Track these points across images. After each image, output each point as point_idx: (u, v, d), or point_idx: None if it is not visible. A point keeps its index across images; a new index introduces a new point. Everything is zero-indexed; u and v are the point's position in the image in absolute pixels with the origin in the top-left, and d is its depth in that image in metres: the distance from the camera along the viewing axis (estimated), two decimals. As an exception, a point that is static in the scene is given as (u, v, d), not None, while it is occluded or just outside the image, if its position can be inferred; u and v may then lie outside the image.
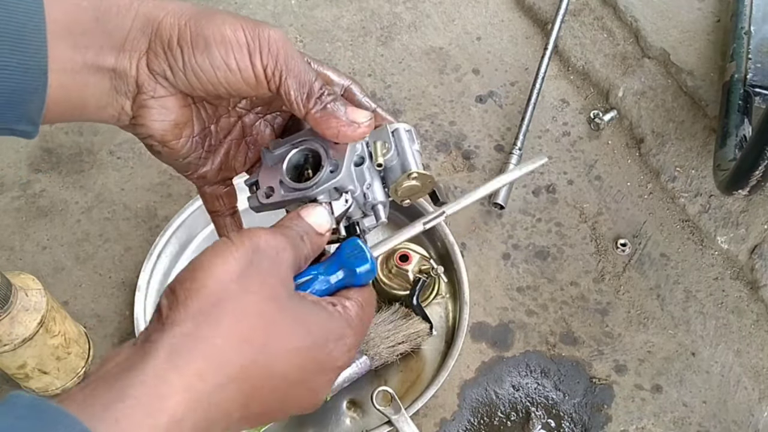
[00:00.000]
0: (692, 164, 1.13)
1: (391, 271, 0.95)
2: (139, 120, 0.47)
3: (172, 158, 0.50)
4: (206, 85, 0.45)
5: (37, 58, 0.40)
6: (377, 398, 0.85)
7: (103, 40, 0.43)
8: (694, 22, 1.25)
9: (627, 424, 0.94)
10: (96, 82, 0.44)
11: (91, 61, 0.43)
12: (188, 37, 0.44)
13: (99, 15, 0.43)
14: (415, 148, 0.52)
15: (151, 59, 0.45)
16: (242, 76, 0.45)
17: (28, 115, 0.42)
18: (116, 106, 0.46)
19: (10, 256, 1.02)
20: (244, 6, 1.34)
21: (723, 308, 1.03)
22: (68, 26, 0.42)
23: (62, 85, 0.43)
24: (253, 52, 0.44)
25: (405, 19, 1.34)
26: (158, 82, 0.45)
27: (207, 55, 0.44)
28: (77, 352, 0.89)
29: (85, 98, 0.45)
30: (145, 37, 0.44)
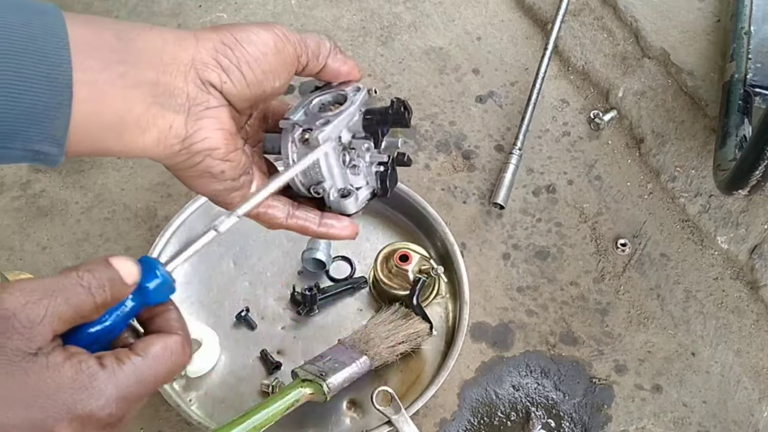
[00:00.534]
0: (692, 164, 1.13)
1: (391, 271, 0.95)
2: (199, 134, 0.46)
3: (234, 174, 0.49)
4: (258, 77, 0.47)
5: (61, 70, 0.39)
6: (377, 398, 0.85)
7: (136, 56, 0.42)
8: (694, 22, 1.26)
9: (627, 424, 0.94)
10: (135, 96, 0.43)
11: (126, 74, 0.42)
12: (231, 38, 0.46)
13: (121, 35, 0.42)
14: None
15: (201, 69, 0.45)
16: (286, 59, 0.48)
17: (52, 133, 0.40)
18: (162, 124, 0.44)
19: (10, 256, 1.02)
20: (244, 6, 1.34)
21: (723, 308, 1.03)
22: (93, 43, 0.41)
23: (93, 99, 0.41)
24: (283, 35, 0.48)
25: (405, 19, 1.34)
26: (210, 93, 0.45)
27: (255, 45, 0.46)
28: (77, 352, 0.89)
29: (123, 115, 0.42)
30: (186, 51, 0.44)
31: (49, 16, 0.39)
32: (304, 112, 0.52)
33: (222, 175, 0.48)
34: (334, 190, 0.53)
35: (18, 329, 0.36)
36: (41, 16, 0.39)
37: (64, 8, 0.41)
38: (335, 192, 0.53)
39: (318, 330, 0.97)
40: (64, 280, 0.39)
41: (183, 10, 1.33)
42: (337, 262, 1.02)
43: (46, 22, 0.39)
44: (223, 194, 0.50)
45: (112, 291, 0.40)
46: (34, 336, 0.36)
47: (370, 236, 1.05)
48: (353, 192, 0.53)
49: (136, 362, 0.40)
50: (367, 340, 0.88)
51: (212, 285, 1.00)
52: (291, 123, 0.51)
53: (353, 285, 0.99)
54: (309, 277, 1.00)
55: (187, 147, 0.46)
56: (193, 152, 0.46)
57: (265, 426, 0.78)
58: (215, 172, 0.48)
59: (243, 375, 0.93)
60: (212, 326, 0.95)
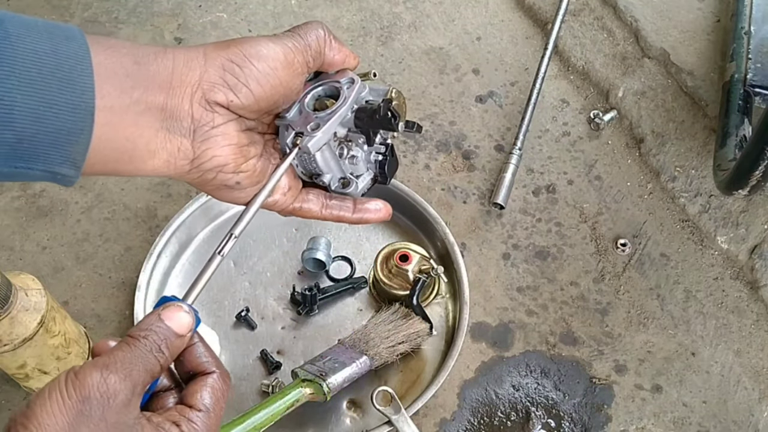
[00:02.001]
0: (692, 164, 1.13)
1: (391, 271, 0.95)
2: (206, 153, 0.47)
3: (253, 182, 0.50)
4: (268, 92, 0.47)
5: (85, 98, 0.40)
6: (377, 398, 0.85)
7: (148, 80, 0.44)
8: (694, 22, 1.26)
9: (627, 424, 0.94)
10: (146, 122, 0.44)
11: (138, 99, 0.43)
12: (240, 54, 0.46)
13: (138, 59, 0.43)
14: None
15: (208, 89, 0.45)
16: (296, 70, 0.48)
17: (72, 156, 0.41)
18: (170, 148, 0.46)
19: (10, 256, 1.03)
20: (244, 6, 1.34)
21: (723, 308, 1.03)
22: (112, 68, 0.42)
23: (109, 123, 0.42)
24: (292, 45, 0.48)
25: (405, 19, 1.34)
26: (215, 112, 0.46)
27: (263, 59, 0.46)
28: (77, 352, 0.89)
29: (134, 140, 0.44)
30: (193, 72, 0.45)
31: (74, 42, 0.40)
32: (299, 110, 0.52)
33: (239, 186, 0.50)
34: (335, 180, 0.54)
35: (119, 406, 0.39)
36: (67, 43, 0.40)
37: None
38: (336, 182, 0.54)
39: (318, 330, 0.97)
40: (136, 351, 0.41)
41: (183, 10, 1.33)
42: (337, 262, 1.02)
43: (72, 48, 0.40)
44: (248, 200, 0.52)
45: (171, 349, 0.44)
46: (131, 409, 0.40)
47: (370, 236, 1.05)
48: (353, 181, 0.54)
49: (202, 418, 0.43)
50: (367, 340, 0.88)
51: (212, 285, 1.00)
52: (285, 124, 0.52)
53: (353, 285, 0.99)
54: (309, 277, 1.00)
55: (196, 166, 0.47)
56: (203, 170, 0.48)
57: (265, 426, 0.78)
58: (231, 184, 0.49)
59: (243, 375, 0.93)
60: (212, 326, 0.95)
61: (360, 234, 1.05)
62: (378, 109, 0.51)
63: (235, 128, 0.48)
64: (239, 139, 0.48)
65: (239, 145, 0.48)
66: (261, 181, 0.51)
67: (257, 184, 0.51)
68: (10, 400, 0.91)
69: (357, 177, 0.54)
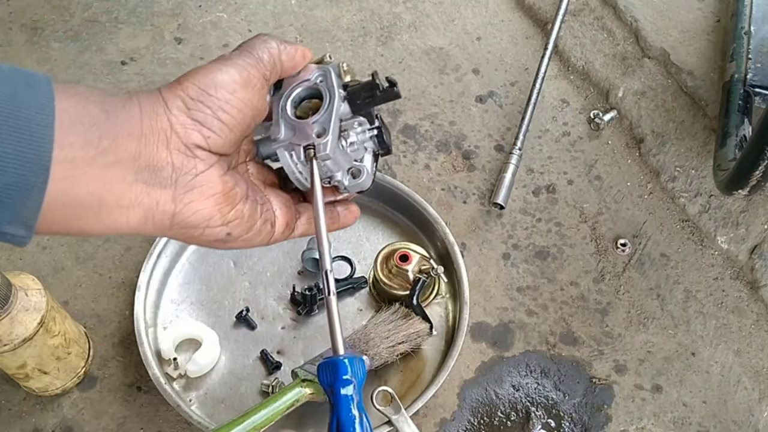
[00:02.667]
0: (692, 164, 1.13)
1: (391, 271, 0.95)
2: (189, 208, 0.43)
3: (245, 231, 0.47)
4: (236, 117, 0.45)
5: (40, 150, 0.36)
6: (377, 398, 0.85)
7: (117, 129, 0.40)
8: (694, 22, 1.26)
9: (627, 424, 0.94)
10: (115, 176, 0.40)
11: (106, 150, 0.39)
12: (196, 88, 0.44)
13: (106, 107, 0.40)
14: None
15: (182, 132, 0.43)
16: (255, 85, 0.46)
17: (22, 215, 0.37)
18: (147, 202, 0.42)
19: (10, 256, 1.03)
20: (244, 6, 1.34)
21: (723, 308, 1.03)
22: (78, 117, 0.38)
23: (69, 178, 0.38)
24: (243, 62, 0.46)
25: (405, 19, 1.34)
26: (197, 156, 0.43)
27: (221, 87, 0.44)
28: (77, 352, 0.89)
29: (101, 195, 0.40)
30: (160, 117, 0.42)
31: (37, 89, 0.37)
32: (286, 125, 0.50)
33: (230, 237, 0.46)
34: (344, 174, 0.52)
35: None
36: (28, 89, 0.37)
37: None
38: (347, 176, 0.52)
39: (318, 330, 0.97)
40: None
41: (183, 10, 1.33)
42: (337, 262, 1.02)
43: (33, 96, 0.37)
44: (250, 244, 0.49)
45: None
46: None
47: (370, 236, 1.05)
48: (363, 168, 0.52)
49: None
50: (367, 340, 0.88)
51: (212, 285, 1.00)
52: (287, 143, 0.49)
53: (353, 285, 0.99)
54: (309, 277, 1.00)
55: (178, 222, 0.44)
56: (187, 227, 0.44)
57: (265, 426, 0.78)
58: (222, 237, 0.46)
59: (243, 375, 0.93)
60: (212, 326, 0.95)
61: (360, 234, 1.05)
62: (373, 84, 0.50)
63: (218, 173, 0.45)
64: (223, 186, 0.45)
65: (224, 192, 0.45)
66: (252, 225, 0.47)
67: (249, 229, 0.47)
68: (10, 400, 0.91)
69: (361, 161, 0.52)
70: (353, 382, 0.43)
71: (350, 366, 0.44)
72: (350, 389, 0.43)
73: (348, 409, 0.41)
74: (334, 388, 0.43)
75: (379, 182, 1.05)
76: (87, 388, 0.92)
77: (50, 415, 0.90)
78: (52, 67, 1.22)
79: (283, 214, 0.51)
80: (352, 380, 0.44)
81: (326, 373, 0.44)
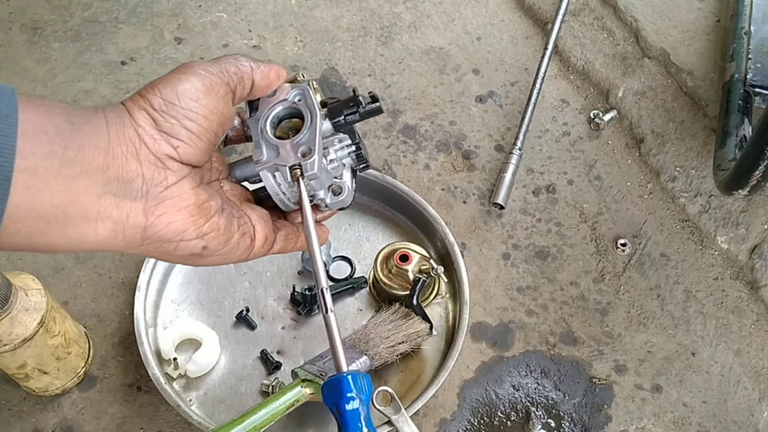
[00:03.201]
0: (692, 164, 1.13)
1: (391, 271, 0.95)
2: (161, 220, 0.42)
3: (222, 244, 0.46)
4: (203, 124, 0.44)
5: (2, 160, 0.35)
6: (377, 398, 0.85)
7: (83, 140, 0.39)
8: (694, 22, 1.26)
9: (627, 424, 0.94)
10: (82, 187, 0.38)
11: (71, 161, 0.38)
12: (158, 99, 0.43)
13: (72, 119, 0.39)
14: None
15: (151, 143, 0.42)
16: (219, 92, 0.45)
17: None
18: (118, 216, 0.40)
19: (10, 256, 1.03)
20: (244, 6, 1.34)
21: (723, 308, 1.03)
22: (42, 127, 0.37)
23: (32, 189, 0.36)
24: (204, 71, 0.45)
25: (405, 19, 1.34)
26: (167, 168, 0.42)
27: (184, 95, 0.43)
28: (77, 352, 0.89)
29: (65, 208, 0.38)
30: (127, 128, 0.41)
31: (1, 99, 0.36)
32: (267, 146, 0.49)
33: (207, 251, 0.45)
34: (326, 191, 0.52)
35: None
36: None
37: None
38: (329, 194, 0.52)
39: (318, 330, 0.97)
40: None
41: (183, 10, 1.33)
42: (337, 262, 1.02)
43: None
44: (228, 259, 0.48)
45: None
46: None
47: (370, 236, 1.05)
48: (343, 185, 0.52)
49: None
50: (367, 340, 0.88)
51: (212, 285, 1.00)
52: (271, 165, 0.49)
53: (353, 285, 0.99)
54: (309, 277, 1.00)
55: (150, 236, 0.42)
56: (159, 240, 0.43)
57: (265, 426, 0.78)
58: (198, 251, 0.45)
59: (243, 375, 0.93)
60: (212, 326, 0.95)
61: (360, 234, 1.05)
62: (358, 101, 0.50)
63: (190, 185, 0.44)
64: (196, 198, 0.44)
65: (197, 204, 0.44)
66: (229, 239, 0.46)
67: (226, 242, 0.46)
68: (10, 400, 0.91)
69: (341, 179, 0.52)
70: (358, 398, 0.42)
71: (353, 382, 0.43)
72: (356, 404, 0.42)
73: (356, 427, 0.40)
74: (339, 406, 0.42)
75: (379, 182, 1.05)
76: (87, 388, 0.92)
77: (50, 415, 0.90)
78: (52, 67, 1.22)
79: (261, 228, 0.49)
80: (357, 397, 0.42)
81: (330, 392, 0.43)
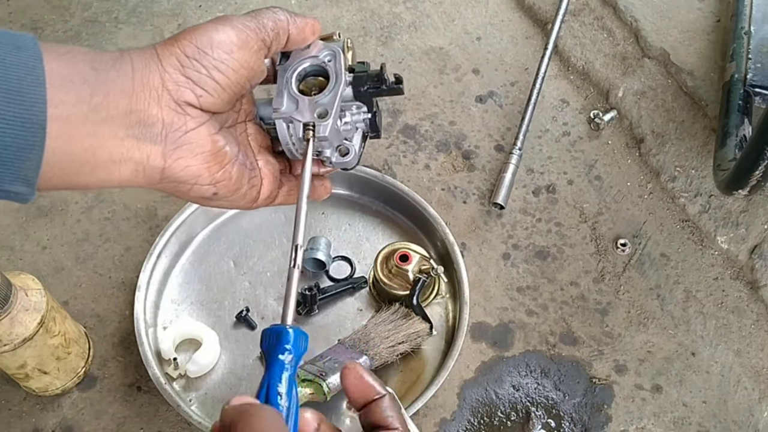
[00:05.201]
0: (692, 164, 1.13)
1: (391, 271, 0.95)
2: (178, 163, 0.44)
3: (231, 192, 0.48)
4: (231, 77, 0.45)
5: (35, 110, 0.37)
6: (377, 398, 0.85)
7: (108, 86, 0.41)
8: (694, 22, 1.26)
9: (627, 424, 0.94)
10: (107, 131, 0.41)
11: (98, 106, 0.40)
12: (192, 46, 0.44)
13: (96, 65, 0.40)
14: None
15: (173, 90, 0.43)
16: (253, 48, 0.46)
17: (23, 174, 0.38)
18: (139, 157, 0.42)
19: (10, 256, 1.03)
20: (244, 6, 1.34)
21: (723, 308, 1.03)
22: (67, 75, 0.39)
23: (64, 135, 0.39)
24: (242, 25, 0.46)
25: (405, 19, 1.34)
26: (187, 114, 0.44)
27: (218, 47, 0.44)
28: (77, 352, 0.89)
29: (94, 150, 0.41)
30: (153, 74, 0.42)
31: (24, 51, 0.37)
32: (288, 97, 0.50)
33: (216, 196, 0.47)
34: (333, 150, 0.52)
35: None
36: (17, 52, 0.37)
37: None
38: (335, 153, 0.52)
39: (318, 330, 0.97)
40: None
41: (183, 10, 1.33)
42: (337, 262, 1.02)
43: (22, 57, 0.37)
44: (233, 205, 0.50)
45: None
46: None
47: (370, 236, 1.05)
48: (351, 147, 0.52)
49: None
50: (367, 340, 0.88)
51: (212, 285, 1.00)
52: (287, 117, 0.50)
53: (353, 285, 0.99)
54: (309, 277, 1.00)
55: (167, 177, 0.44)
56: (176, 181, 0.45)
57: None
58: (208, 196, 0.47)
59: (243, 375, 0.93)
60: (212, 326, 0.95)
61: (360, 234, 1.05)
62: (383, 78, 0.50)
63: (208, 132, 0.45)
64: (212, 145, 0.46)
65: (213, 151, 0.46)
66: (239, 189, 0.48)
67: (235, 191, 0.48)
68: (10, 400, 0.91)
69: (349, 140, 0.53)
70: (292, 353, 0.43)
71: (294, 337, 0.43)
72: (288, 357, 0.42)
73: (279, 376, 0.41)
74: (271, 353, 0.42)
75: (379, 182, 1.05)
76: (87, 388, 0.92)
77: (50, 415, 0.90)
78: (52, 67, 1.22)
79: (269, 182, 0.51)
80: (291, 350, 0.43)
81: (269, 338, 0.43)
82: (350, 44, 0.53)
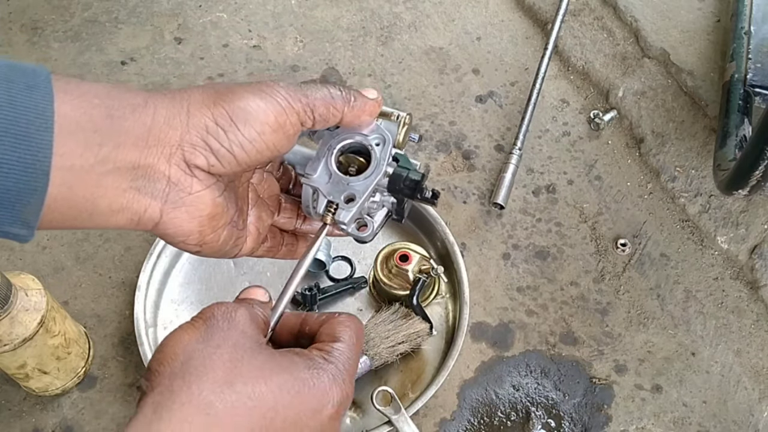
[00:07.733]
0: (692, 164, 1.13)
1: (391, 271, 0.95)
2: (173, 222, 0.43)
3: (214, 251, 0.47)
4: (252, 155, 0.43)
5: (40, 156, 0.36)
6: (377, 398, 0.85)
7: (121, 137, 0.39)
8: (694, 22, 1.26)
9: (627, 424, 0.94)
10: (111, 183, 0.40)
11: (105, 158, 0.39)
12: (226, 116, 0.41)
13: (112, 112, 0.39)
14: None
15: (188, 151, 0.41)
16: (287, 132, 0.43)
17: (24, 217, 0.38)
18: (137, 209, 0.41)
19: (10, 256, 1.03)
20: (244, 6, 1.34)
21: (723, 308, 1.03)
22: (79, 122, 0.38)
23: (67, 184, 0.38)
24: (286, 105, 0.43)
25: (405, 19, 1.34)
26: (195, 176, 0.42)
27: (250, 123, 0.42)
28: (77, 352, 0.89)
29: (95, 200, 0.40)
30: (174, 131, 0.41)
31: (36, 91, 0.36)
32: (325, 170, 0.48)
33: (199, 253, 0.47)
34: (351, 221, 0.50)
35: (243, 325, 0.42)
36: (28, 92, 0.36)
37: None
38: (353, 224, 0.51)
39: (318, 330, 0.96)
40: (238, 302, 0.46)
41: (183, 10, 1.33)
42: (337, 262, 1.02)
43: (33, 99, 0.36)
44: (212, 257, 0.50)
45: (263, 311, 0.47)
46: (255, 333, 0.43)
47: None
48: (370, 223, 0.51)
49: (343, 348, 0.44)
50: (367, 340, 0.88)
51: (212, 285, 1.00)
52: (313, 187, 0.48)
53: (353, 285, 0.99)
54: (309, 277, 1.00)
55: (158, 229, 0.44)
56: (165, 235, 0.44)
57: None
58: (192, 251, 0.47)
59: (243, 375, 0.93)
60: (212, 326, 0.94)
61: (360, 234, 1.05)
62: (421, 187, 0.49)
63: (211, 196, 0.44)
64: (212, 209, 0.44)
65: (210, 215, 0.44)
66: (222, 249, 0.47)
67: (218, 251, 0.47)
68: (10, 400, 0.91)
69: (371, 216, 0.51)
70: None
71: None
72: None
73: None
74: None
75: (379, 182, 1.05)
76: (87, 388, 0.92)
77: (50, 415, 0.90)
78: (52, 67, 1.22)
79: (252, 240, 0.50)
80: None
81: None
82: (408, 120, 0.50)
